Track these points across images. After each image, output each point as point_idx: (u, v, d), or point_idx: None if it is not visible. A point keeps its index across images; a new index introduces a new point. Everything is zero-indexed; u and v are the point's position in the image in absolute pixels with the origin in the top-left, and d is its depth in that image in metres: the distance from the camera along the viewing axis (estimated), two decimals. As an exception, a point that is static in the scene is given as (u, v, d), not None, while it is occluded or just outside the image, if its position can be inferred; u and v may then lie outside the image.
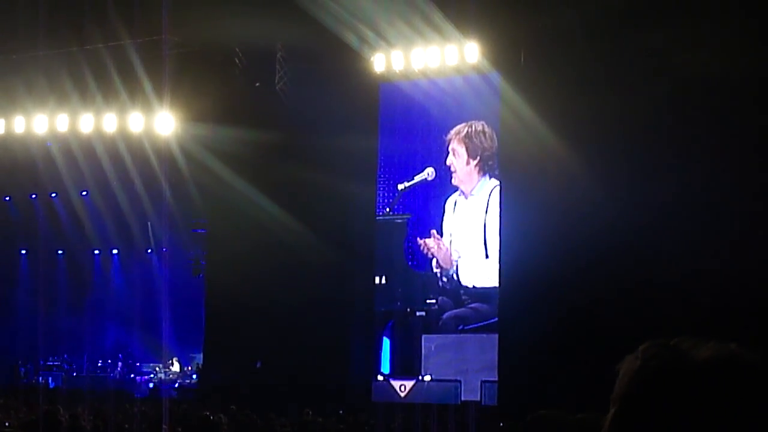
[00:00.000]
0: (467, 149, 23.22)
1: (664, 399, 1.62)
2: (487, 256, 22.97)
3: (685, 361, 1.64)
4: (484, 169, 23.17)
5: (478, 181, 23.20)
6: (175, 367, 29.62)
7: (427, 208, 23.78)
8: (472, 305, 23.04)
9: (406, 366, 23.68)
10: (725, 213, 19.33)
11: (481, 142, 23.12)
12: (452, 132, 23.40)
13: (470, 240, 23.15)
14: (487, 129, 23.14)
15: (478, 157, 23.16)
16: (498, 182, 22.95)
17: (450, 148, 23.41)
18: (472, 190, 23.26)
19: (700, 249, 19.09)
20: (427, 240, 23.50)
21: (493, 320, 22.71)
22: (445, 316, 23.36)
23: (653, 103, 20.11)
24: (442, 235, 23.48)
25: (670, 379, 1.63)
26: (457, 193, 23.44)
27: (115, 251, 32.22)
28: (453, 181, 23.40)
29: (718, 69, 18.42)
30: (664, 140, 20.22)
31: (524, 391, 19.93)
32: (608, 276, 19.81)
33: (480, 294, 22.99)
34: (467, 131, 23.23)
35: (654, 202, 19.98)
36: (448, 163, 23.38)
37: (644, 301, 18.98)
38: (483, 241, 22.98)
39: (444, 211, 23.63)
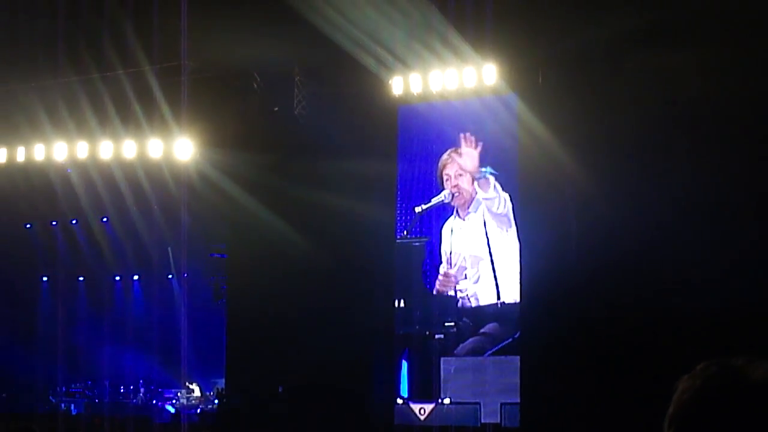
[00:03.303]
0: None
1: (725, 418, 1.59)
2: (494, 274, 22.83)
3: (744, 380, 1.62)
4: (476, 189, 23.09)
5: (472, 200, 23.08)
6: (197, 392, 29.58)
7: (446, 231, 23.70)
8: (486, 328, 22.85)
9: (425, 389, 23.55)
10: (744, 230, 19.25)
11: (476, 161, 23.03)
12: (446, 156, 23.23)
13: (479, 261, 22.97)
14: None
15: (476, 178, 23.08)
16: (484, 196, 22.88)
17: (453, 171, 23.17)
18: (468, 210, 23.10)
19: (725, 264, 18.98)
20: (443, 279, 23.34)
21: (507, 341, 22.55)
22: (459, 349, 23.18)
23: (671, 124, 20.06)
24: (450, 264, 23.37)
25: (731, 399, 1.60)
26: (453, 216, 23.25)
27: (135, 277, 32.29)
28: (457, 202, 23.18)
29: (739, 92, 18.34)
30: (681, 161, 20.15)
31: (547, 412, 19.84)
32: (630, 295, 19.74)
33: (494, 314, 22.81)
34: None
35: (673, 220, 19.92)
36: (453, 183, 23.16)
37: (667, 318, 18.88)
38: (490, 259, 22.83)
39: (441, 239, 23.50)
